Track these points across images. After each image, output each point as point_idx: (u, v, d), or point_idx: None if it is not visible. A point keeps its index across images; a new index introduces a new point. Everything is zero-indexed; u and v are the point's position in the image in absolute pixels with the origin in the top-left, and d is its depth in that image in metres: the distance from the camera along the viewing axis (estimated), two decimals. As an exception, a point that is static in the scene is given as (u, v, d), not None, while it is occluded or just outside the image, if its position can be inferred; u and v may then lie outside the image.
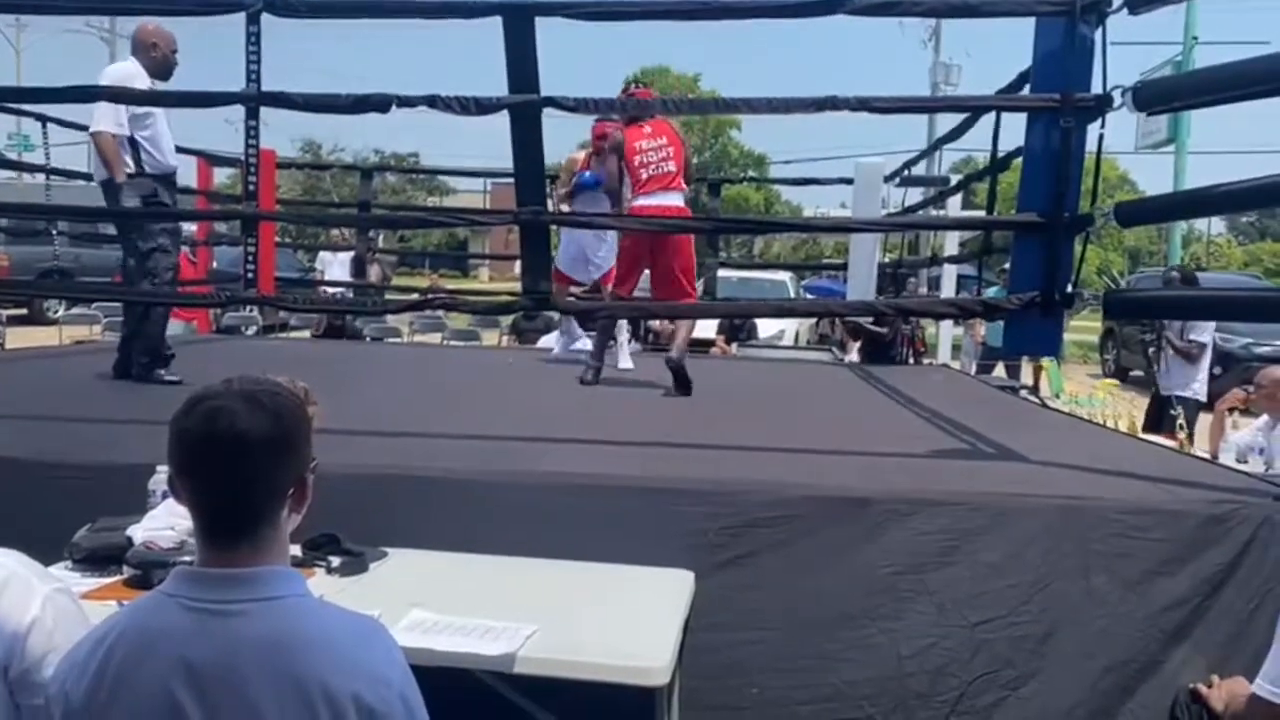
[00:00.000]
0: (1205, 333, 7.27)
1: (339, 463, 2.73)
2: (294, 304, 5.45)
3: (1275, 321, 6.12)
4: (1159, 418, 7.06)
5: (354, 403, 3.99)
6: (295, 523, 1.47)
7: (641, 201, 5.14)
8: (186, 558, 2.10)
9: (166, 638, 1.32)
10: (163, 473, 2.51)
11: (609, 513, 2.81)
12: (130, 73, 4.65)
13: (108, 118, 4.55)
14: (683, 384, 4.99)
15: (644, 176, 5.17)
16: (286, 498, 1.41)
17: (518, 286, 4.07)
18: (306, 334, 10.49)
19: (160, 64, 4.71)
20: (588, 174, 6.08)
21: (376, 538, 2.62)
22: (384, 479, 2.89)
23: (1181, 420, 6.52)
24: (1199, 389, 7.24)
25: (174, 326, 7.10)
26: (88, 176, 4.78)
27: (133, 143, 4.62)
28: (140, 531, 2.40)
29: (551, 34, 3.74)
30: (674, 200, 5.18)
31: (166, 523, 2.41)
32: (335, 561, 2.47)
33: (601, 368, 5.33)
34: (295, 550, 2.24)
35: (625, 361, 5.81)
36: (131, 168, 4.61)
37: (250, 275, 4.02)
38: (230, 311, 9.97)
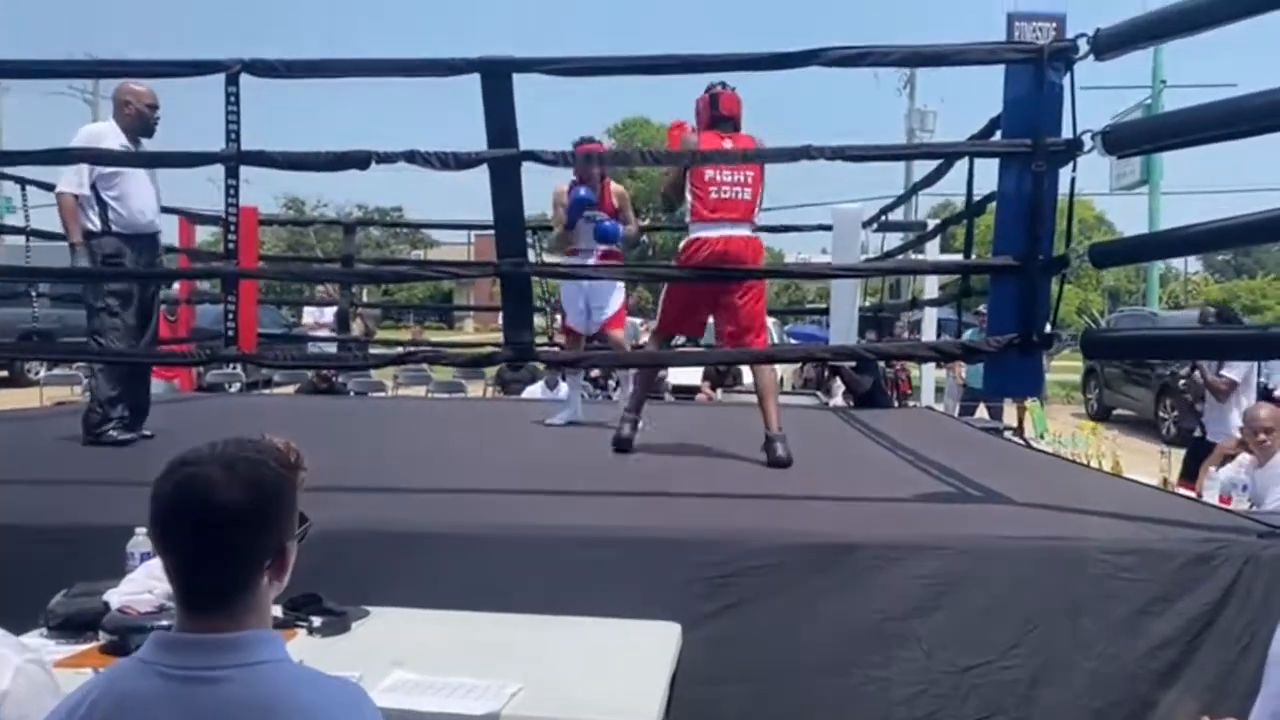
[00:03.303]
0: (1237, 370, 6.49)
1: (319, 520, 2.70)
2: (274, 360, 5.41)
3: (1252, 359, 6.13)
4: (1196, 465, 6.28)
5: (335, 458, 3.96)
6: (278, 590, 1.44)
7: (705, 233, 4.39)
8: (165, 622, 2.06)
9: (141, 705, 1.29)
10: (141, 535, 2.48)
11: (594, 565, 2.80)
12: (100, 132, 4.63)
13: (69, 178, 4.55)
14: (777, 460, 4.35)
15: (713, 197, 4.39)
16: (264, 568, 1.38)
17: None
18: (290, 390, 10.45)
19: (136, 121, 4.67)
20: (582, 190, 5.42)
21: (359, 596, 2.59)
22: (365, 535, 2.87)
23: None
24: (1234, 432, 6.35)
25: (155, 385, 7.07)
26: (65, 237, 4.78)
27: (101, 202, 4.59)
28: (117, 596, 2.36)
29: (533, 88, 3.79)
30: (742, 232, 4.43)
31: (144, 586, 2.37)
32: (317, 621, 2.44)
33: (638, 421, 4.80)
34: (276, 610, 2.20)
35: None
36: (97, 226, 4.58)
37: (230, 333, 4.00)
38: (214, 369, 9.93)
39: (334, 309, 9.99)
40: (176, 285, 8.38)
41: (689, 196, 4.46)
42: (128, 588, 2.40)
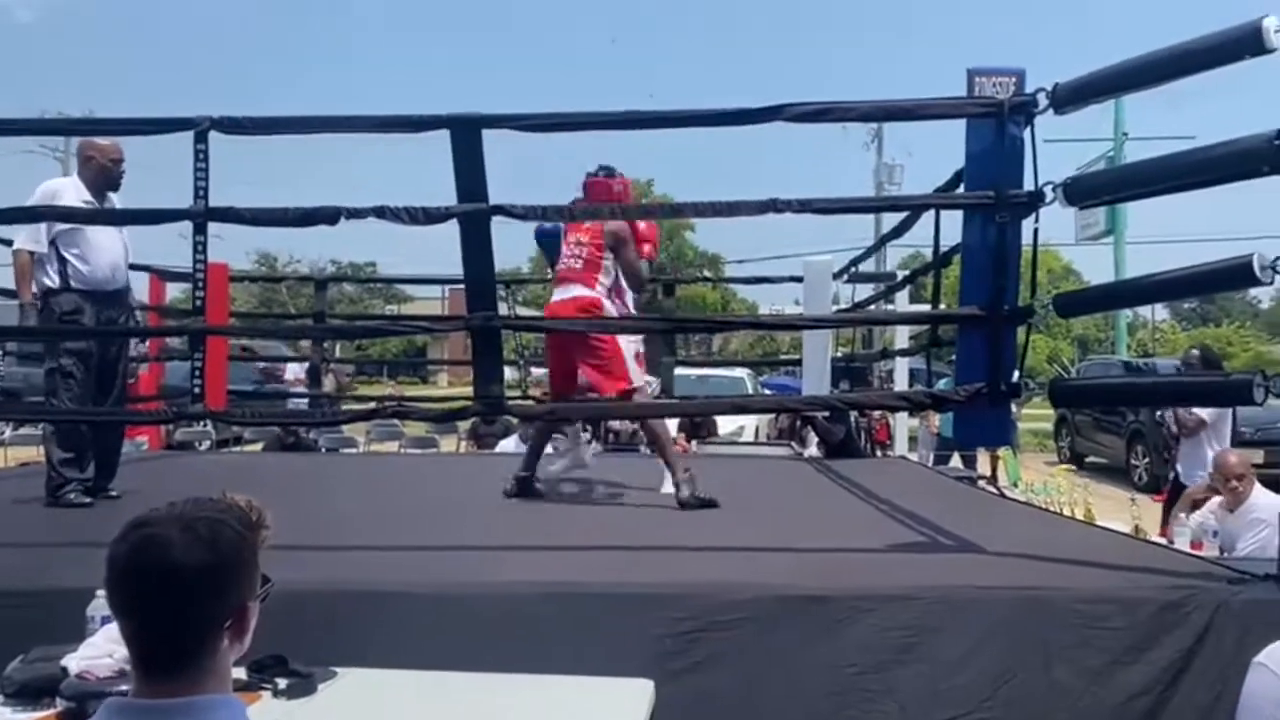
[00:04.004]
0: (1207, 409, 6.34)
1: (286, 579, 2.66)
2: (242, 417, 5.37)
3: (1214, 406, 6.18)
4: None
5: (303, 515, 3.91)
6: (239, 652, 1.42)
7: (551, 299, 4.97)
8: (124, 687, 2.01)
9: (96, 772, 1.26)
10: (101, 598, 2.43)
11: (564, 621, 2.76)
12: (57, 189, 4.56)
13: (25, 235, 4.49)
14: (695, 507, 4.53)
15: (559, 268, 4.95)
16: (224, 630, 1.36)
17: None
18: (259, 447, 10.34)
19: (100, 175, 4.62)
20: (548, 225, 5.35)
21: (327, 657, 2.54)
22: (333, 595, 2.83)
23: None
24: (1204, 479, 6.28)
25: (123, 445, 6.98)
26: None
27: (60, 258, 4.53)
28: (76, 661, 2.30)
29: (505, 143, 3.82)
30: (566, 295, 4.82)
31: (104, 650, 2.31)
32: (282, 684, 2.39)
33: (528, 478, 4.95)
34: (240, 673, 2.16)
35: (588, 457, 5.59)
36: (55, 283, 4.52)
37: (198, 390, 3.96)
38: (183, 427, 9.82)
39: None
40: (145, 343, 8.31)
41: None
42: (87, 652, 2.34)
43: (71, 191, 4.56)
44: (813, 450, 8.97)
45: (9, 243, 6.80)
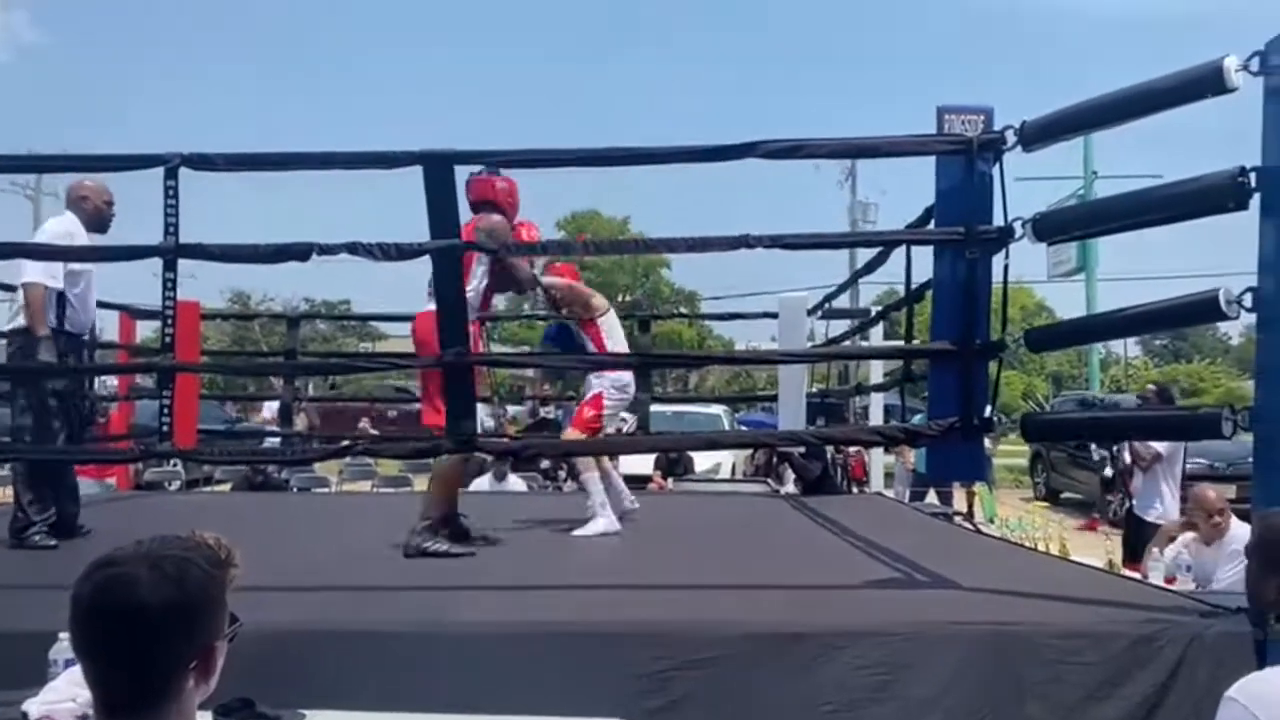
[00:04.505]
0: (1160, 442, 6.52)
1: (253, 620, 2.61)
2: (210, 456, 5.30)
3: (1183, 440, 6.26)
4: (1136, 546, 6.26)
5: (272, 555, 3.85)
6: (205, 693, 1.38)
7: None
8: (85, 731, 1.97)
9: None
10: (64, 640, 2.38)
11: (537, 661, 2.73)
12: (70, 229, 4.58)
13: (39, 270, 4.45)
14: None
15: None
16: (189, 670, 1.33)
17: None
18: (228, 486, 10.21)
19: (94, 217, 4.65)
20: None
21: (295, 699, 2.49)
22: (301, 635, 2.78)
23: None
24: (1164, 511, 6.51)
25: (90, 485, 6.86)
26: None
27: (61, 299, 4.52)
28: (37, 706, 2.25)
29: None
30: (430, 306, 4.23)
31: (67, 694, 2.26)
32: (247, 727, 2.34)
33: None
34: (206, 716, 2.11)
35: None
36: (52, 324, 4.48)
37: (165, 428, 3.91)
38: (152, 466, 9.69)
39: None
40: (114, 381, 8.22)
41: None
42: (49, 696, 2.29)
43: (81, 233, 4.58)
44: (789, 487, 8.96)
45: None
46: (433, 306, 4.15)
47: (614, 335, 5.25)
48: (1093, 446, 11.77)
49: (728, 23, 68.52)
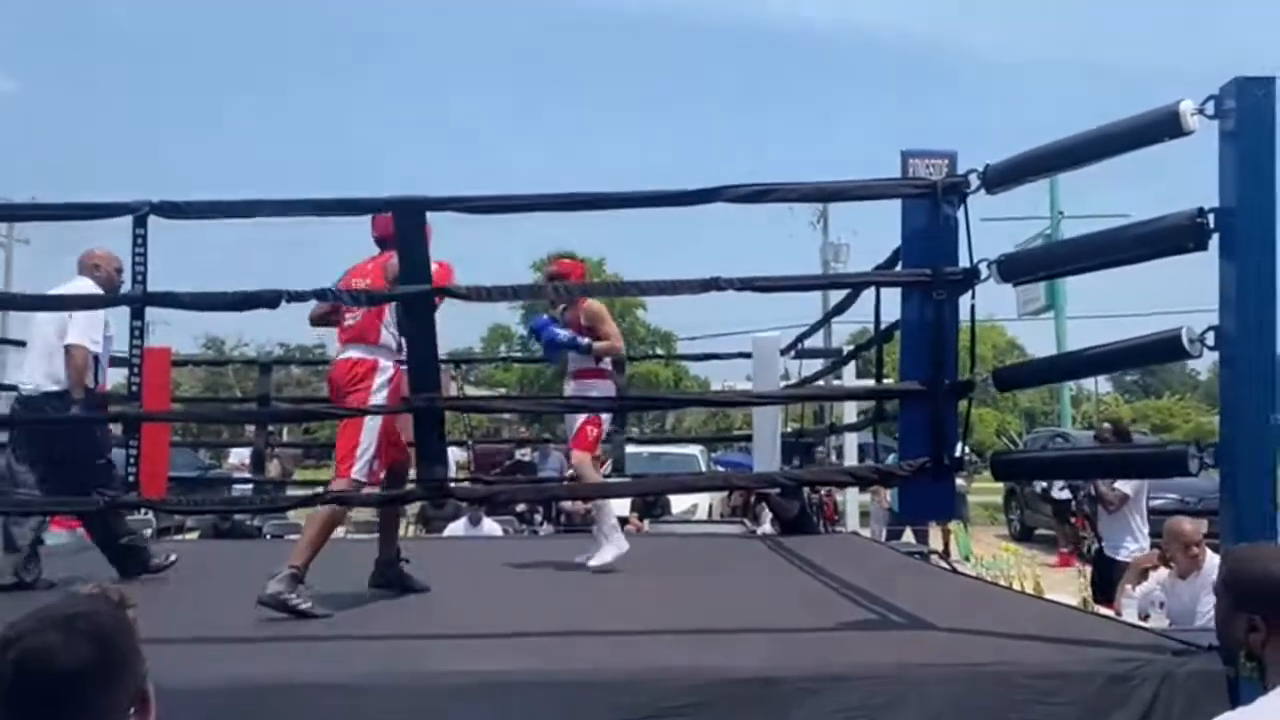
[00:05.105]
0: (1129, 484, 6.61)
1: (216, 675, 2.58)
2: (178, 505, 5.25)
3: (1150, 477, 6.32)
4: (1105, 584, 6.31)
5: (233, 609, 3.78)
6: None
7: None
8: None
9: None
10: None
11: (510, 710, 2.69)
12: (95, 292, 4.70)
13: (81, 332, 4.56)
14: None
15: (345, 323, 4.21)
16: (130, 717, 1.31)
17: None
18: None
19: (107, 283, 4.76)
20: (544, 317, 5.32)
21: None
22: (263, 690, 2.72)
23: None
24: (1134, 550, 6.49)
25: (60, 535, 6.75)
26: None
27: (95, 361, 4.66)
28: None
29: (458, 223, 3.82)
30: (344, 355, 4.20)
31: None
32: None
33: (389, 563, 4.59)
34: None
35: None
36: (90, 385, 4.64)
37: (132, 478, 3.86)
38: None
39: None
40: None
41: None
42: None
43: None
44: (766, 527, 8.94)
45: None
46: (348, 354, 4.17)
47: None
48: (1055, 484, 11.87)
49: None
